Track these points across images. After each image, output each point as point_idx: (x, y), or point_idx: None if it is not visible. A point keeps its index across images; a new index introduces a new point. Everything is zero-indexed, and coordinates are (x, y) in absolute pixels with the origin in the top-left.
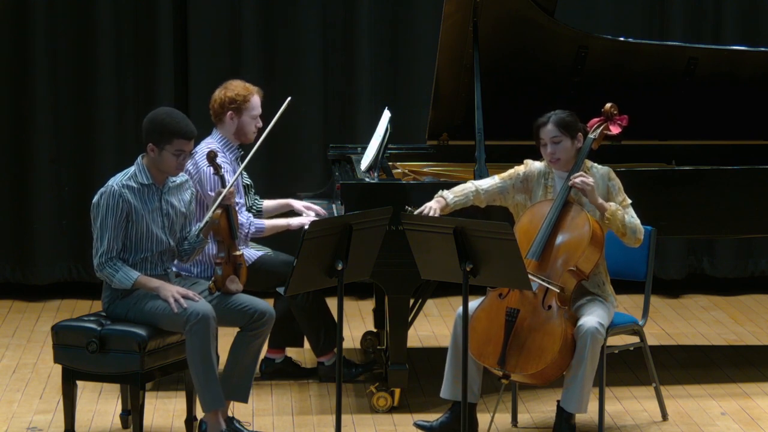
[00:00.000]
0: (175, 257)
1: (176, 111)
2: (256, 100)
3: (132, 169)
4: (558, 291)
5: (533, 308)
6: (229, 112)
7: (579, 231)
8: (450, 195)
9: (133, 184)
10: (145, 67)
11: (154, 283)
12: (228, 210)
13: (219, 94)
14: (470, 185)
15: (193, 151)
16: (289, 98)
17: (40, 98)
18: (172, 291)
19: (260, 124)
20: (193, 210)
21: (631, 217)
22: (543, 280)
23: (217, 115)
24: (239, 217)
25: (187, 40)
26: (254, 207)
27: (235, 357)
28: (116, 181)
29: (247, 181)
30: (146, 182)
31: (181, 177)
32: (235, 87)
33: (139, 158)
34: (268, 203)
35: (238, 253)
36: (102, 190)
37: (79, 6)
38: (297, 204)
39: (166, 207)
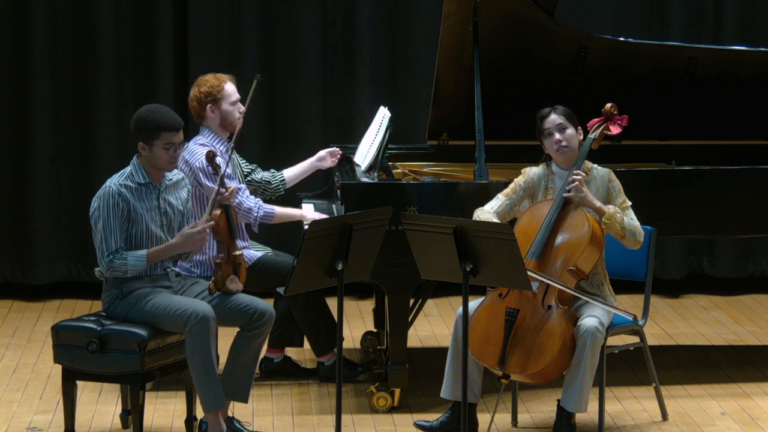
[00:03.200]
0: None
1: (159, 105)
2: (229, 87)
3: (128, 169)
4: (560, 287)
5: (533, 308)
6: (208, 106)
7: (578, 231)
8: None
9: (131, 184)
10: (145, 67)
11: (165, 245)
12: (227, 210)
13: (193, 92)
14: (487, 215)
15: (184, 146)
16: (258, 75)
17: (40, 98)
18: (191, 232)
19: (243, 109)
20: (190, 208)
21: (630, 219)
22: (545, 278)
23: (198, 113)
24: (247, 203)
25: (187, 40)
26: (273, 182)
27: (235, 357)
28: (113, 182)
29: (248, 167)
30: (143, 181)
31: (177, 175)
32: (206, 81)
33: (134, 158)
34: (289, 172)
35: (237, 252)
36: (99, 193)
37: (79, 6)
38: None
39: (164, 205)
